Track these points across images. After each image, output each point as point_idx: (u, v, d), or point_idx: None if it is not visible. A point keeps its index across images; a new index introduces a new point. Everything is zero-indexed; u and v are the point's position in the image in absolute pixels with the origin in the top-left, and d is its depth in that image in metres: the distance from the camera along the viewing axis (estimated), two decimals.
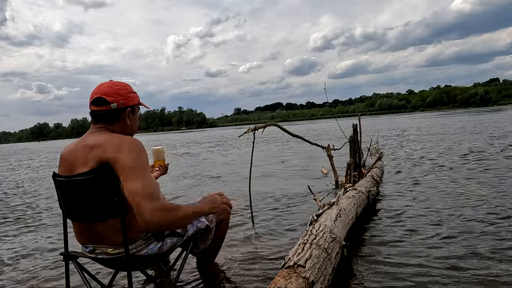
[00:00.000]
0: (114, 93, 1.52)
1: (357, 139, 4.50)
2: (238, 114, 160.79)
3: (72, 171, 1.46)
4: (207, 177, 6.35)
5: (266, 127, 3.61)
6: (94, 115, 1.54)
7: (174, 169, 7.51)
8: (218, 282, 2.05)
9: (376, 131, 14.60)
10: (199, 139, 25.74)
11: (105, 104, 1.50)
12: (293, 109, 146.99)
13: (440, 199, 3.44)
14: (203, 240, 1.91)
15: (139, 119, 1.94)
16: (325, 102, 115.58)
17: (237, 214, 3.45)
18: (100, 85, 1.54)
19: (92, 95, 1.53)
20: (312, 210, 3.20)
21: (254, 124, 3.70)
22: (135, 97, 1.61)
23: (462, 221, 2.74)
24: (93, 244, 1.52)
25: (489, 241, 2.30)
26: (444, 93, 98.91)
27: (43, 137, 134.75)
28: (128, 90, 1.57)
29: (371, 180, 3.72)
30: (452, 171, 4.90)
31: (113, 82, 1.57)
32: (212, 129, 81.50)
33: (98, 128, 1.53)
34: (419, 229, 2.63)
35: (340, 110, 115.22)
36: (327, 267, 1.59)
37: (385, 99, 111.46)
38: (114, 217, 1.43)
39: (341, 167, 4.68)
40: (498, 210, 2.93)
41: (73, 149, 1.51)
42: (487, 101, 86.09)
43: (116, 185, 1.40)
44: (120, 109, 1.53)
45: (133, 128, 1.62)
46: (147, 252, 1.55)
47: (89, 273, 1.68)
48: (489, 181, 4.04)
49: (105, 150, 1.40)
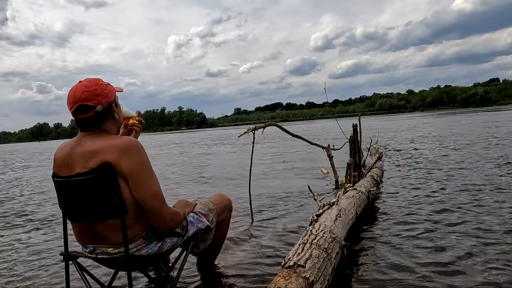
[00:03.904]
0: (94, 96, 1.46)
1: (357, 139, 4.50)
2: (238, 114, 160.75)
3: (71, 172, 1.46)
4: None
5: (266, 127, 3.62)
6: (83, 122, 1.49)
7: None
8: (218, 282, 2.05)
9: (379, 131, 14.60)
10: (208, 137, 25.73)
11: (90, 109, 1.46)
12: (293, 109, 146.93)
13: (440, 199, 3.44)
14: (203, 240, 1.91)
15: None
16: (325, 102, 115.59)
17: (237, 214, 3.45)
18: (75, 92, 1.47)
19: (71, 104, 1.46)
20: (312, 210, 3.20)
21: (254, 124, 3.70)
22: (111, 88, 1.56)
23: (462, 221, 2.74)
24: (93, 244, 1.53)
25: (491, 241, 2.30)
26: (444, 93, 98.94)
27: (43, 137, 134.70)
28: (103, 86, 1.51)
29: (371, 180, 3.72)
30: (452, 171, 4.90)
31: (85, 85, 1.48)
32: (213, 129, 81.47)
33: (92, 131, 1.50)
34: (419, 229, 2.63)
35: (340, 110, 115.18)
36: (327, 267, 1.59)
37: (385, 99, 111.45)
38: (114, 217, 1.43)
39: (341, 167, 4.68)
40: (500, 211, 2.93)
41: (69, 151, 1.49)
42: (487, 101, 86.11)
43: (116, 185, 1.41)
44: (105, 109, 1.51)
45: (120, 118, 1.63)
46: (147, 252, 1.56)
47: (89, 273, 1.68)
48: (490, 181, 4.04)
49: (108, 152, 1.41)
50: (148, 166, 1.49)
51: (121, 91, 1.65)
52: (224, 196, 2.11)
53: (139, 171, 1.44)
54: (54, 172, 1.54)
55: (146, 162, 1.48)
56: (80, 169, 1.43)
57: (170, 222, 1.57)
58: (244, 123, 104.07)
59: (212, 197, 2.08)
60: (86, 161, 1.42)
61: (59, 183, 1.50)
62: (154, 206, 1.48)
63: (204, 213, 1.87)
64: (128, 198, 1.44)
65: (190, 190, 5.21)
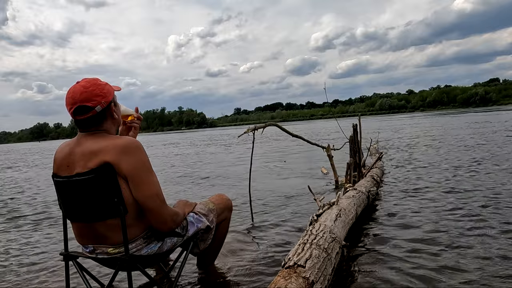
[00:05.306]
0: (92, 96, 1.46)
1: (357, 139, 4.50)
2: (238, 114, 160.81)
3: (71, 172, 1.46)
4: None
5: (266, 127, 3.61)
6: (82, 123, 1.49)
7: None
8: (218, 282, 2.05)
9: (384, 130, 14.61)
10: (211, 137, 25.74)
11: (89, 110, 1.46)
12: (293, 109, 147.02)
13: (440, 199, 3.44)
14: (203, 240, 1.91)
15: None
16: (325, 102, 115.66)
17: (237, 214, 3.45)
18: (73, 93, 1.46)
19: (70, 105, 1.46)
20: (312, 210, 3.20)
21: (254, 124, 3.70)
22: (109, 88, 1.55)
23: (462, 221, 2.74)
24: (93, 244, 1.53)
25: (492, 243, 2.30)
26: (444, 93, 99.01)
27: (43, 137, 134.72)
28: (101, 86, 1.51)
29: (371, 180, 3.72)
30: (452, 172, 4.90)
31: (83, 86, 1.47)
32: (212, 129, 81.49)
33: (92, 131, 1.51)
34: (420, 229, 2.63)
35: (340, 110, 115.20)
36: (327, 267, 1.59)
37: (385, 99, 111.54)
38: (114, 217, 1.43)
39: (341, 167, 4.68)
40: (502, 211, 2.93)
41: (69, 151, 1.49)
42: (487, 101, 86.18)
43: (116, 185, 1.41)
44: (104, 109, 1.50)
45: (119, 118, 1.63)
46: (147, 252, 1.56)
47: (89, 273, 1.68)
48: (491, 181, 4.04)
49: (108, 152, 1.41)
50: (148, 166, 1.49)
51: (119, 90, 1.65)
52: (224, 196, 2.10)
53: (139, 171, 1.45)
54: (54, 172, 1.54)
55: (146, 162, 1.49)
56: (80, 169, 1.43)
57: (170, 223, 1.57)
58: (244, 123, 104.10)
59: (212, 197, 2.08)
60: (86, 161, 1.43)
61: (59, 183, 1.50)
62: (154, 206, 1.48)
63: (204, 213, 1.87)
64: (128, 198, 1.44)
65: (190, 190, 5.21)
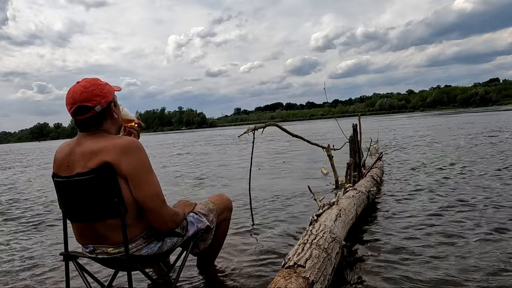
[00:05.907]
0: (92, 96, 1.46)
1: (357, 139, 4.50)
2: (238, 114, 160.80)
3: (71, 172, 1.46)
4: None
5: (266, 127, 3.61)
6: (82, 123, 1.50)
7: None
8: (218, 282, 2.05)
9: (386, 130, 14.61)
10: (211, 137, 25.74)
11: (89, 110, 1.46)
12: (293, 109, 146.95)
13: (440, 200, 3.44)
14: (203, 240, 1.91)
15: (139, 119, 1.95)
16: (325, 102, 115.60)
17: (237, 214, 3.45)
18: (73, 93, 1.47)
19: (70, 105, 1.47)
20: (312, 210, 3.20)
21: (254, 124, 3.70)
22: (110, 88, 1.56)
23: (462, 221, 2.74)
24: (93, 244, 1.53)
25: (492, 243, 2.30)
26: (444, 93, 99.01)
27: (43, 137, 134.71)
28: (101, 86, 1.51)
29: (371, 180, 3.72)
30: (453, 171, 4.91)
31: (83, 86, 1.48)
32: (212, 129, 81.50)
33: (92, 131, 1.51)
34: (420, 229, 2.63)
35: (340, 110, 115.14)
36: (327, 267, 1.60)
37: (385, 99, 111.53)
38: (114, 217, 1.43)
39: (341, 167, 4.68)
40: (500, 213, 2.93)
41: (69, 151, 1.49)
42: (487, 101, 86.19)
43: (116, 185, 1.41)
44: (104, 109, 1.51)
45: (119, 118, 1.63)
46: (147, 252, 1.56)
47: (89, 273, 1.68)
48: (493, 183, 4.04)
49: (108, 152, 1.41)
50: (148, 166, 1.49)
51: (120, 90, 1.65)
52: (224, 196, 2.11)
53: (139, 172, 1.45)
54: (54, 172, 1.54)
55: (146, 162, 1.49)
56: (80, 169, 1.43)
57: (170, 223, 1.57)
58: (244, 123, 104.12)
59: (212, 197, 2.08)
60: (86, 161, 1.43)
61: (59, 183, 1.50)
62: (154, 206, 1.48)
63: (204, 213, 1.87)
64: (128, 198, 1.44)
65: (189, 190, 5.21)
